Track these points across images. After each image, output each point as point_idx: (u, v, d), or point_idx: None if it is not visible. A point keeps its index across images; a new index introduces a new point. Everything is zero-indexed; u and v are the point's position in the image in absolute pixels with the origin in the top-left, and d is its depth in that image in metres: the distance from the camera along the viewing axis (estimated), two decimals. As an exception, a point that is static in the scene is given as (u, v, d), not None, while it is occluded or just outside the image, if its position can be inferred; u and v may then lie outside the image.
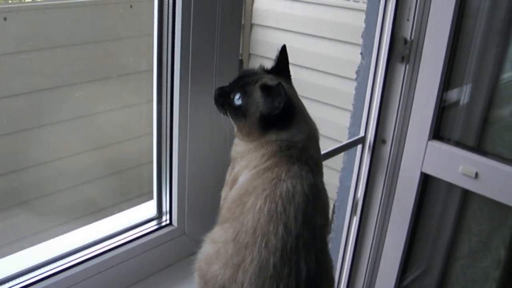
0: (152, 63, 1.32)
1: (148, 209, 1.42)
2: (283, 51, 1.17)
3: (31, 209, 1.80)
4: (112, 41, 2.06)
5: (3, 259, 1.22)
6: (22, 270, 1.17)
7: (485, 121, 1.87)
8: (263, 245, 0.96)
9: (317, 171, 1.09)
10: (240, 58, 1.36)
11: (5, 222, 1.74)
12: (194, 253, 1.12)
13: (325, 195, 1.09)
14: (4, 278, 1.14)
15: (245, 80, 1.13)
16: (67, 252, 1.25)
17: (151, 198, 1.43)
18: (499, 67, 1.86)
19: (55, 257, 1.23)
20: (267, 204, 0.99)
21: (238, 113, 1.11)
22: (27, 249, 1.27)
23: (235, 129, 1.15)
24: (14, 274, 1.16)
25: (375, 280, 2.16)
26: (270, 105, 1.07)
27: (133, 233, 1.35)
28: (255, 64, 3.52)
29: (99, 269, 1.25)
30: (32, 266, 1.19)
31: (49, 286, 1.16)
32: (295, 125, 1.10)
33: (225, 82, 1.19)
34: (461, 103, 1.93)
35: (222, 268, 1.00)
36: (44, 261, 1.21)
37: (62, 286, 1.18)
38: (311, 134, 1.13)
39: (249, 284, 0.96)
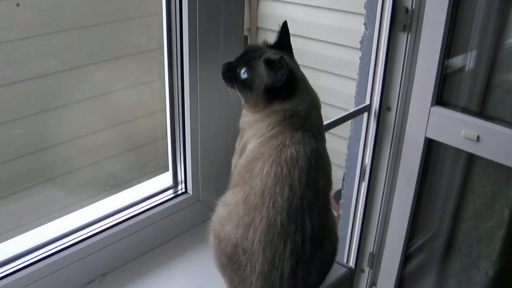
0: (162, 41, 1.37)
1: (164, 179, 1.50)
2: (284, 27, 1.23)
3: (58, 185, 1.89)
4: (122, 21, 2.10)
5: (38, 228, 1.31)
6: (53, 238, 1.27)
7: (487, 86, 1.90)
8: (270, 205, 1.05)
9: (319, 137, 1.16)
10: (245, 34, 1.42)
11: (34, 197, 1.83)
12: (208, 218, 1.20)
13: (327, 159, 1.16)
14: (40, 244, 1.24)
15: (249, 55, 1.19)
16: (92, 221, 1.34)
17: (167, 171, 1.51)
18: (502, 33, 1.89)
19: (81, 225, 1.32)
20: (273, 169, 1.07)
21: (245, 86, 1.18)
22: (56, 220, 1.35)
23: (242, 101, 1.22)
24: (47, 241, 1.25)
25: (384, 243, 2.24)
26: (274, 77, 1.14)
27: (151, 202, 1.43)
28: (263, 37, 3.55)
29: (121, 236, 1.33)
30: (62, 234, 1.28)
31: (78, 251, 1.26)
32: (297, 95, 1.16)
33: (231, 58, 1.25)
34: (463, 69, 1.97)
35: (234, 228, 1.08)
36: (71, 230, 1.30)
37: (89, 252, 1.28)
38: (313, 103, 1.20)
39: (259, 241, 1.05)
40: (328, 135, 1.27)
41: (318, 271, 1.10)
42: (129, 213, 1.38)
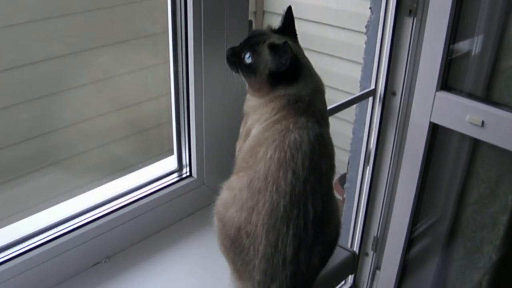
0: (167, 25, 1.38)
1: (169, 163, 1.51)
2: (289, 12, 1.23)
3: (63, 169, 1.91)
4: (127, 5, 2.10)
5: (43, 211, 1.33)
6: (59, 221, 1.28)
7: (493, 71, 1.89)
8: (274, 189, 1.06)
9: (322, 122, 1.16)
10: (249, 19, 1.42)
11: (40, 180, 1.85)
12: (213, 202, 1.21)
13: (330, 144, 1.17)
14: (45, 227, 1.26)
15: (254, 40, 1.19)
16: (97, 204, 1.35)
17: (172, 154, 1.51)
18: (509, 17, 1.87)
19: (86, 208, 1.33)
20: (277, 153, 1.07)
21: (249, 70, 1.18)
22: (62, 203, 1.37)
23: (247, 85, 1.23)
24: (53, 224, 1.27)
25: (388, 227, 2.25)
26: (278, 62, 1.14)
27: (156, 185, 1.45)
28: (269, 20, 3.53)
29: (126, 218, 1.35)
30: (67, 217, 1.30)
31: (84, 234, 1.27)
32: (301, 80, 1.17)
33: (236, 42, 1.25)
34: (469, 54, 1.95)
35: (238, 211, 1.09)
36: (77, 213, 1.32)
37: (94, 234, 1.29)
38: (317, 88, 1.20)
39: (262, 224, 1.06)
40: (333, 119, 1.27)
41: (320, 255, 1.11)
42: (134, 196, 1.40)
